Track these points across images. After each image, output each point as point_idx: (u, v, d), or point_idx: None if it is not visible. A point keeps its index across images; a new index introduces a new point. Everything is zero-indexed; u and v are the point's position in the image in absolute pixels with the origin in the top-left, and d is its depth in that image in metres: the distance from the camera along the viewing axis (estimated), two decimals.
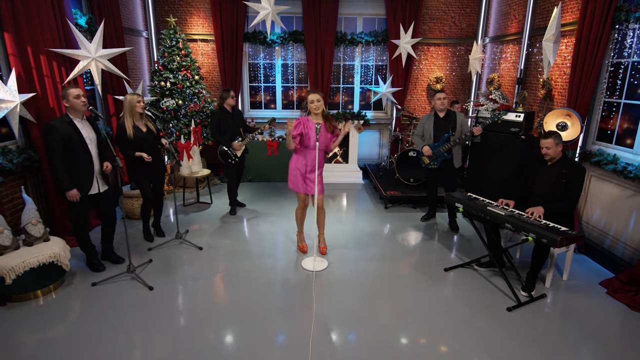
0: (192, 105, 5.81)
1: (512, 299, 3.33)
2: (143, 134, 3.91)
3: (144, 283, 3.43)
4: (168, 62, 5.71)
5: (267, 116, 6.93)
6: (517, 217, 3.23)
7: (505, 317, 3.11)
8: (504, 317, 3.11)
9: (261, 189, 6.34)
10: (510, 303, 3.28)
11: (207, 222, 4.93)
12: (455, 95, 7.13)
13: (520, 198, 3.64)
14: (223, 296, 3.35)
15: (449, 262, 3.99)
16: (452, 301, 3.32)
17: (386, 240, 4.53)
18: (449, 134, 4.40)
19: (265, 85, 7.10)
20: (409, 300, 3.33)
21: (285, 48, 6.86)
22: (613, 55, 4.09)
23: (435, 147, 4.47)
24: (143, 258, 3.92)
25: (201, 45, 6.74)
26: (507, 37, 6.06)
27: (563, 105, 4.77)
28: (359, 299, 3.32)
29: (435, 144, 4.48)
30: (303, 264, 3.86)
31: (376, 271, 3.80)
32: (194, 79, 5.87)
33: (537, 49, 5.31)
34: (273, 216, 5.17)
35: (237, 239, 4.48)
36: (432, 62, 7.00)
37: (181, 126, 5.77)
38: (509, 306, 3.22)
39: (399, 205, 5.63)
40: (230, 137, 4.92)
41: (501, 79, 6.25)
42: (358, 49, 6.91)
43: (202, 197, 5.79)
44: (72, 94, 3.27)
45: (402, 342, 2.81)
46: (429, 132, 4.52)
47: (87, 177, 3.42)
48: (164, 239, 4.36)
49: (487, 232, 3.67)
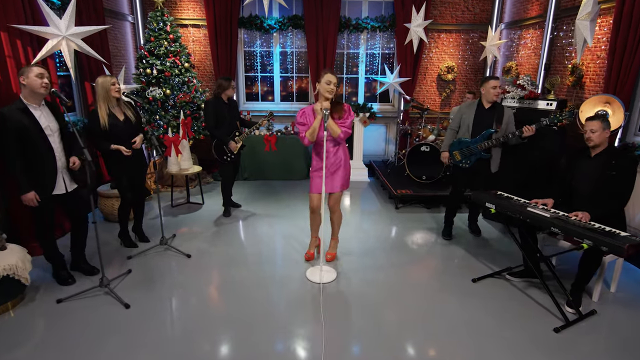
0: (182, 96, 5.26)
1: (558, 317, 2.80)
2: (120, 123, 3.36)
3: (119, 299, 2.87)
4: (154, 47, 5.15)
5: (265, 109, 6.39)
6: (566, 220, 2.70)
7: (553, 340, 2.58)
8: (552, 340, 2.58)
9: (258, 187, 5.79)
10: (555, 322, 2.76)
11: (198, 225, 4.38)
12: (467, 87, 6.61)
13: (558, 197, 3.13)
14: (214, 314, 2.80)
15: (474, 270, 3.47)
16: (487, 320, 2.78)
17: (400, 246, 3.99)
18: (492, 129, 3.67)
19: (262, 76, 6.54)
20: (435, 319, 2.80)
21: (284, 34, 6.31)
22: None
23: (472, 142, 3.75)
24: (120, 268, 3.36)
25: (192, 31, 6.17)
26: (526, 22, 5.55)
27: (596, 93, 4.26)
28: (376, 319, 2.78)
29: (472, 140, 3.77)
30: (308, 274, 3.32)
31: (393, 283, 3.27)
32: (183, 67, 5.31)
33: (563, 33, 4.80)
34: (272, 218, 4.63)
35: (232, 244, 3.93)
36: (442, 50, 6.48)
37: (169, 118, 5.21)
38: (556, 326, 2.69)
39: (410, 205, 5.10)
40: (227, 132, 4.36)
41: (519, 67, 5.74)
42: (363, 35, 6.37)
43: (193, 196, 5.24)
44: (32, 72, 2.69)
45: None
46: (468, 124, 3.78)
47: (49, 175, 2.85)
48: (147, 245, 3.80)
49: (522, 236, 3.15)
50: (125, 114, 3.40)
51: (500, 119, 3.71)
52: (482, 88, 3.79)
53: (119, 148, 3.32)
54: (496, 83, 3.69)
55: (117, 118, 3.35)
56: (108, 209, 4.31)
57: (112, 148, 3.31)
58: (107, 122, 3.26)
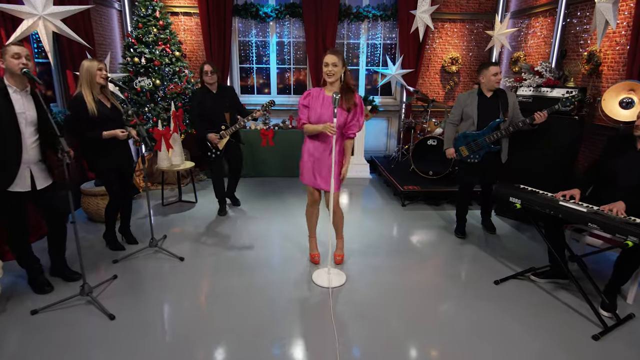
0: (172, 86, 4.90)
1: (594, 322, 2.54)
2: (108, 110, 3.02)
3: (103, 309, 2.53)
4: (143, 34, 4.78)
5: (261, 102, 6.04)
6: (606, 215, 2.43)
7: (592, 349, 2.31)
8: (591, 349, 2.31)
9: (255, 185, 5.45)
10: (591, 328, 2.49)
11: (191, 225, 4.04)
12: (472, 79, 6.35)
13: (586, 188, 2.88)
14: (211, 325, 2.47)
15: (494, 271, 3.19)
16: (514, 327, 2.50)
17: (411, 245, 3.70)
18: (499, 119, 3.41)
19: (257, 67, 6.20)
20: (456, 325, 2.51)
21: (281, 23, 5.98)
22: None
23: (479, 135, 3.48)
24: (105, 274, 3.01)
25: (183, 19, 5.81)
26: (535, 10, 5.30)
27: (615, 81, 4.02)
28: (393, 326, 2.49)
29: (479, 132, 3.49)
30: (314, 278, 3.00)
31: (408, 286, 2.98)
32: (173, 55, 4.96)
33: (577, 19, 4.55)
34: (271, 217, 4.30)
35: (229, 245, 3.61)
36: (446, 41, 6.21)
37: (159, 110, 4.85)
38: (594, 333, 2.43)
39: (417, 202, 4.81)
40: (210, 125, 4.02)
41: (528, 57, 5.49)
42: (364, 25, 6.07)
43: (185, 195, 4.89)
44: (8, 52, 2.38)
45: None
46: (472, 116, 3.50)
47: (8, 167, 2.48)
48: (135, 247, 3.45)
49: (550, 234, 2.88)
50: (112, 103, 3.06)
51: (505, 107, 3.44)
52: (481, 76, 3.51)
53: (113, 133, 2.98)
54: (496, 69, 3.43)
55: (105, 105, 3.01)
56: (92, 209, 3.94)
57: (105, 135, 2.96)
58: (96, 108, 2.91)
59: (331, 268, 3.03)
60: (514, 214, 4.25)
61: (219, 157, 4.14)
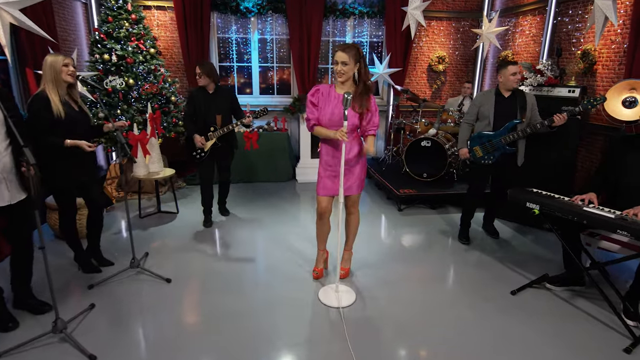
0: (148, 86, 4.48)
1: (621, 332, 2.41)
2: (76, 113, 2.62)
3: (81, 348, 2.15)
4: (113, 28, 4.33)
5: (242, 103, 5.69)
6: (634, 221, 2.30)
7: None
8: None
9: (240, 191, 5.10)
10: (619, 339, 2.36)
11: (175, 239, 3.66)
12: (458, 78, 6.27)
13: (600, 190, 2.77)
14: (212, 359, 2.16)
15: (507, 280, 3.03)
16: (539, 340, 2.33)
17: (416, 254, 3.50)
18: (517, 120, 3.25)
19: (238, 65, 5.84)
20: (483, 341, 2.31)
21: (263, 19, 5.65)
22: None
23: (495, 136, 3.32)
24: (81, 303, 2.61)
25: (157, 13, 5.37)
26: (523, 8, 5.25)
27: (610, 80, 3.99)
28: (413, 346, 2.26)
29: (495, 133, 3.33)
30: (321, 297, 2.73)
31: (421, 300, 2.76)
32: (148, 52, 4.54)
33: (568, 17, 4.51)
34: (262, 227, 3.99)
35: (221, 262, 3.27)
36: (433, 40, 6.08)
37: (133, 113, 4.41)
38: (624, 345, 2.29)
39: (413, 206, 4.63)
40: (201, 126, 3.72)
41: (516, 56, 5.45)
42: (350, 21, 5.84)
43: (165, 204, 4.48)
44: None
45: None
46: (488, 116, 3.35)
47: None
48: (114, 269, 3.04)
49: (567, 240, 2.74)
50: (79, 105, 2.66)
51: (524, 107, 3.31)
52: (499, 75, 3.38)
53: (77, 143, 2.56)
54: (515, 69, 3.28)
55: (72, 108, 2.60)
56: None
57: (68, 144, 2.55)
58: (62, 109, 2.51)
59: (339, 285, 2.76)
60: (514, 217, 4.14)
61: (204, 159, 3.81)
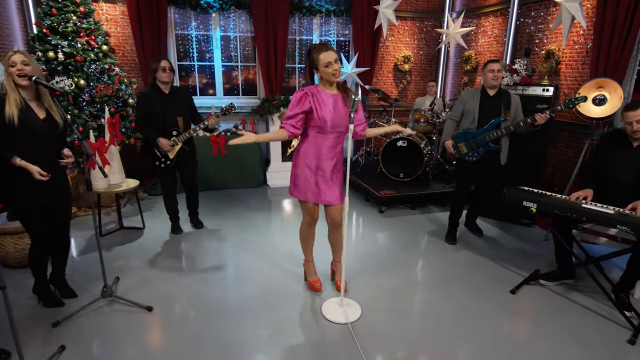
0: (102, 88, 4.00)
1: (618, 323, 2.50)
2: (39, 122, 2.20)
3: None
4: (58, 22, 3.81)
5: (206, 105, 5.33)
6: (633, 216, 2.37)
7: (629, 353, 2.23)
8: (629, 353, 2.23)
9: (211, 199, 4.73)
10: (620, 330, 2.43)
11: (146, 259, 3.27)
12: (423, 77, 6.35)
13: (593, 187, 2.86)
14: None
15: (503, 278, 3.04)
16: (546, 338, 2.34)
17: (408, 258, 3.42)
18: (500, 117, 3.30)
19: (200, 65, 5.44)
20: (488, 342, 2.26)
21: (226, 15, 5.31)
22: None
23: (479, 133, 3.34)
24: (46, 346, 2.19)
25: (105, 6, 4.83)
26: (485, 9, 5.42)
27: (574, 79, 4.20)
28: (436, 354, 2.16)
29: (479, 130, 3.35)
30: (325, 313, 2.54)
31: (427, 308, 2.67)
32: (100, 50, 4.05)
33: (531, 19, 4.70)
34: (241, 235, 3.70)
35: (206, 281, 2.95)
36: (398, 39, 6.10)
37: (85, 118, 3.91)
38: (626, 337, 2.36)
39: (394, 207, 4.58)
40: (162, 130, 3.36)
41: (479, 56, 5.61)
42: (316, 20, 5.67)
43: (127, 219, 4.02)
44: None
45: None
46: (472, 113, 3.38)
47: None
48: (81, 300, 2.63)
49: (563, 236, 2.79)
50: (48, 112, 2.24)
51: (508, 106, 3.37)
52: (482, 75, 3.44)
53: (27, 167, 2.15)
54: (493, 66, 3.33)
55: (35, 115, 2.18)
56: (7, 249, 2.97)
57: (18, 164, 2.13)
58: (17, 116, 2.08)
59: (342, 298, 2.59)
60: (490, 213, 4.22)
61: (168, 167, 3.47)
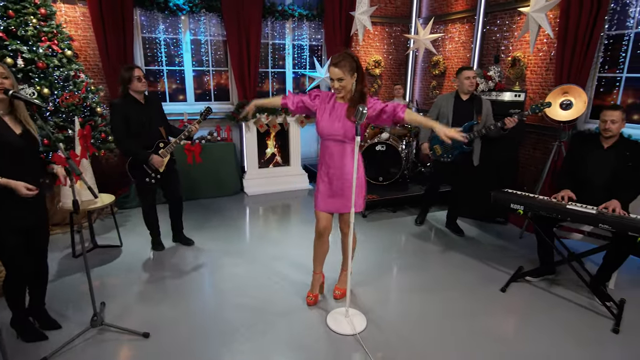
0: (68, 96, 3.70)
1: (600, 313, 2.71)
2: (15, 139, 1.99)
3: None
4: (17, 25, 3.47)
5: (177, 112, 5.11)
6: (615, 216, 2.56)
7: (620, 344, 2.42)
8: (616, 342, 2.42)
9: (190, 211, 4.50)
10: (602, 320, 2.63)
11: (130, 280, 3.07)
12: (393, 81, 6.48)
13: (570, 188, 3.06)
14: None
15: (491, 277, 3.19)
16: (543, 332, 2.48)
17: (401, 262, 3.48)
18: (473, 121, 3.52)
19: (169, 69, 5.20)
20: (489, 342, 2.36)
21: (196, 18, 5.10)
22: (609, 27, 3.87)
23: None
24: None
25: (64, 8, 4.47)
26: (452, 16, 5.63)
27: (539, 85, 4.48)
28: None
29: None
30: (331, 325, 2.52)
31: (429, 312, 2.72)
32: (64, 55, 3.75)
33: (497, 27, 4.95)
34: (226, 247, 3.59)
35: (198, 303, 2.82)
36: (369, 44, 6.19)
37: (51, 129, 3.60)
38: (609, 327, 2.56)
39: (375, 211, 4.64)
40: (147, 143, 3.19)
41: (447, 61, 5.83)
42: (289, 24, 5.61)
43: (100, 237, 3.76)
44: None
45: None
46: (447, 116, 3.60)
47: None
48: (66, 332, 2.41)
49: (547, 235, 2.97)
50: (25, 127, 2.03)
51: (480, 110, 3.61)
52: (457, 79, 3.63)
53: (9, 184, 1.95)
54: (469, 73, 3.56)
55: (11, 130, 1.97)
56: None
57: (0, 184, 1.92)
58: None
59: (347, 309, 2.58)
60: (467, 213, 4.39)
61: (157, 182, 3.31)
